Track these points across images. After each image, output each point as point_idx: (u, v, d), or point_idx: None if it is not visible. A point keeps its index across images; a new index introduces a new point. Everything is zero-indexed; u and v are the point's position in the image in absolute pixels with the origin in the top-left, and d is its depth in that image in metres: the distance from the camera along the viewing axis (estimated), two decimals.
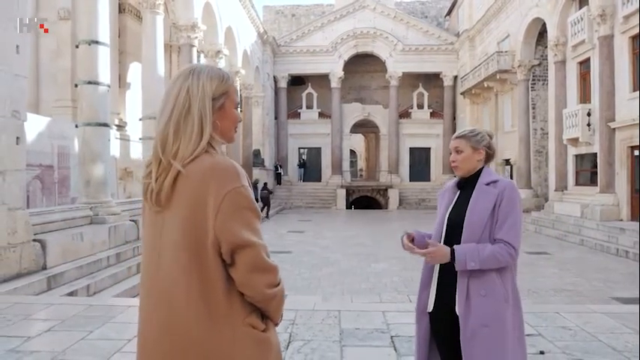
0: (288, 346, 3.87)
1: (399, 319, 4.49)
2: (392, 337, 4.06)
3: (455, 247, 2.04)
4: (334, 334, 4.12)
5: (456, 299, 2.05)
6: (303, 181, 31.08)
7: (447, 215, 2.18)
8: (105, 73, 9.29)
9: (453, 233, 2.11)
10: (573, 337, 3.97)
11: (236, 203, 1.25)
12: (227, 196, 1.24)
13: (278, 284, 1.33)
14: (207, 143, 1.31)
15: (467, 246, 2.02)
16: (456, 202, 2.20)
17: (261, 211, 19.81)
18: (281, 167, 30.39)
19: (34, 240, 6.69)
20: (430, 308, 2.15)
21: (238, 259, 1.25)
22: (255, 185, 21.95)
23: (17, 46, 6.14)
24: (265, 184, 22.85)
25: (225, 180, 1.25)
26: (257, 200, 20.87)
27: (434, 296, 2.14)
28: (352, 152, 40.40)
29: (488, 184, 2.11)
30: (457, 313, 2.03)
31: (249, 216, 1.28)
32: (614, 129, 13.96)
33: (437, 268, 2.14)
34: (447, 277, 2.09)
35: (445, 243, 2.11)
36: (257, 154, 26.49)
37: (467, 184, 2.20)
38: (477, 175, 2.18)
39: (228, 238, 1.24)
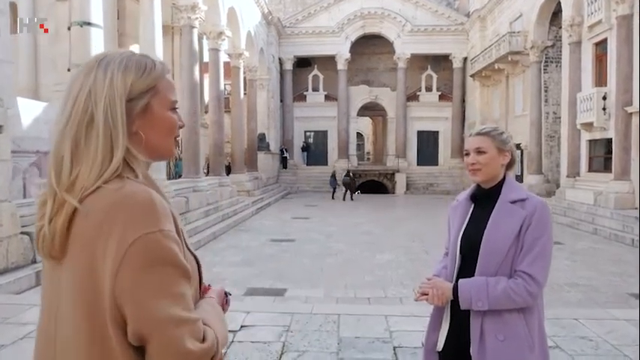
0: (280, 358, 3.55)
1: (403, 326, 4.15)
2: (395, 347, 3.72)
3: (460, 281, 1.65)
4: (332, 344, 3.79)
5: (470, 337, 1.68)
6: (307, 164, 30.74)
7: (460, 238, 1.78)
8: None
9: (469, 261, 1.72)
10: (595, 351, 3.60)
11: (148, 256, 0.84)
12: (134, 244, 0.83)
13: None
14: (124, 163, 0.91)
15: (474, 280, 1.63)
16: (469, 221, 1.78)
17: (345, 193, 23.33)
18: (287, 151, 29.99)
19: (23, 233, 6.41)
20: (440, 347, 1.78)
21: (151, 349, 0.84)
22: (333, 175, 24.73)
23: None
24: (348, 171, 25.37)
25: (135, 221, 0.85)
26: (334, 189, 22.63)
27: (445, 334, 1.77)
28: (359, 135, 39.91)
29: (514, 203, 1.69)
30: (470, 354, 1.67)
31: (169, 274, 0.86)
32: (630, 114, 13.38)
33: (449, 303, 1.76)
34: (461, 313, 1.70)
35: (460, 273, 1.73)
36: (262, 138, 26.04)
37: (484, 197, 1.78)
38: (497, 186, 1.76)
39: (135, 311, 0.84)
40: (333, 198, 23.76)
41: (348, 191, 23.59)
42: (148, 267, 0.84)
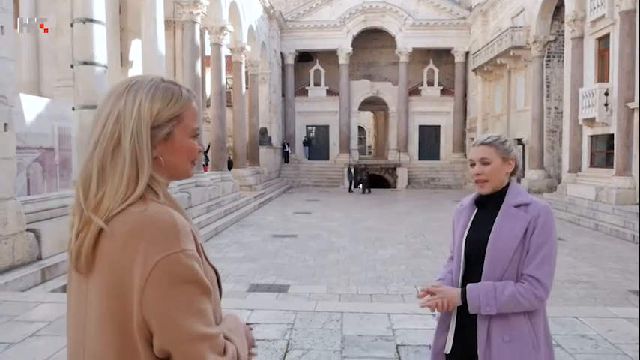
0: (285, 356, 3.61)
1: (406, 324, 4.21)
2: (397, 345, 3.77)
3: (468, 286, 1.69)
4: (335, 342, 3.84)
5: (477, 339, 1.73)
6: (309, 159, 30.81)
7: (464, 242, 1.82)
8: (101, 52, 8.90)
9: (473, 265, 1.76)
10: (595, 349, 3.66)
11: (171, 276, 0.89)
12: (158, 265, 0.89)
13: None
14: (147, 186, 0.97)
15: (482, 285, 1.67)
16: (473, 225, 1.82)
17: (366, 188, 24.74)
18: (288, 146, 30.02)
19: (28, 230, 6.46)
20: (448, 350, 1.82)
21: None
22: (350, 171, 25.79)
23: (2, 27, 5.78)
24: (366, 166, 27.49)
25: (158, 242, 0.90)
26: (351, 183, 24.55)
27: (452, 337, 1.82)
28: (361, 129, 39.81)
29: (517, 207, 1.72)
30: (477, 355, 1.73)
31: (191, 292, 0.91)
32: (632, 109, 13.38)
33: (455, 307, 1.81)
34: (468, 316, 1.75)
35: (465, 277, 1.77)
36: (264, 132, 26.06)
37: (488, 202, 1.82)
38: (501, 191, 1.80)
39: (160, 327, 0.89)
40: (357, 190, 24.98)
41: (360, 184, 25.27)
42: (172, 286, 0.89)
